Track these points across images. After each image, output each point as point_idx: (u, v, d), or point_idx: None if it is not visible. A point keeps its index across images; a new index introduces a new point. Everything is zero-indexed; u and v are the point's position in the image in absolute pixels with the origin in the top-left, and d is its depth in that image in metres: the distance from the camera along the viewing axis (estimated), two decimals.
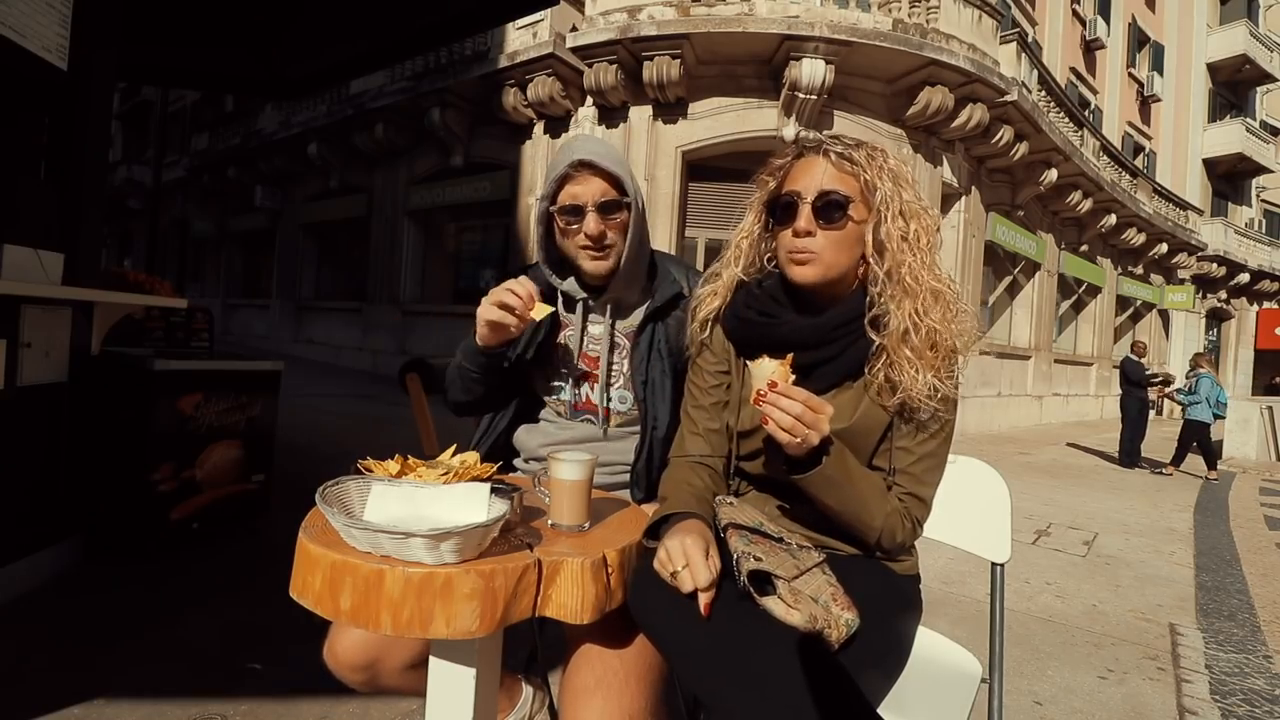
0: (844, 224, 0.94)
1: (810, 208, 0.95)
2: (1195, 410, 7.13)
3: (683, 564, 0.79)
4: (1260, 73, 18.27)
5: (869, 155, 0.95)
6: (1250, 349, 18.28)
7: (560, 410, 1.26)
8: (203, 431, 2.49)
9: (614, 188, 1.13)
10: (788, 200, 0.97)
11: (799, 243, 0.95)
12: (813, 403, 0.84)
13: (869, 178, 0.94)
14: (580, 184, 1.12)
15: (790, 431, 0.83)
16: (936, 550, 1.54)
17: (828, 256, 0.95)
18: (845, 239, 0.95)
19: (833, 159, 0.95)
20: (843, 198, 0.94)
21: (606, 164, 1.11)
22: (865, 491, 0.91)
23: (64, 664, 1.66)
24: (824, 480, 0.88)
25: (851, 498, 0.90)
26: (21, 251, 1.92)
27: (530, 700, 1.21)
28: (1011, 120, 8.59)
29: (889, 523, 0.93)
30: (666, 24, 7.22)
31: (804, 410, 0.82)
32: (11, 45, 1.97)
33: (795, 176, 0.98)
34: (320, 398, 7.44)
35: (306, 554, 0.76)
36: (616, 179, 1.13)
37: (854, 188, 0.95)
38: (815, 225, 0.95)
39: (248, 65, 3.85)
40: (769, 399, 0.83)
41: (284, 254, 13.79)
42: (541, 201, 1.16)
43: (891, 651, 0.91)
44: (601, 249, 1.14)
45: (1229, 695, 2.12)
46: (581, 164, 1.11)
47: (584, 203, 1.12)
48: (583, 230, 1.12)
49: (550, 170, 1.15)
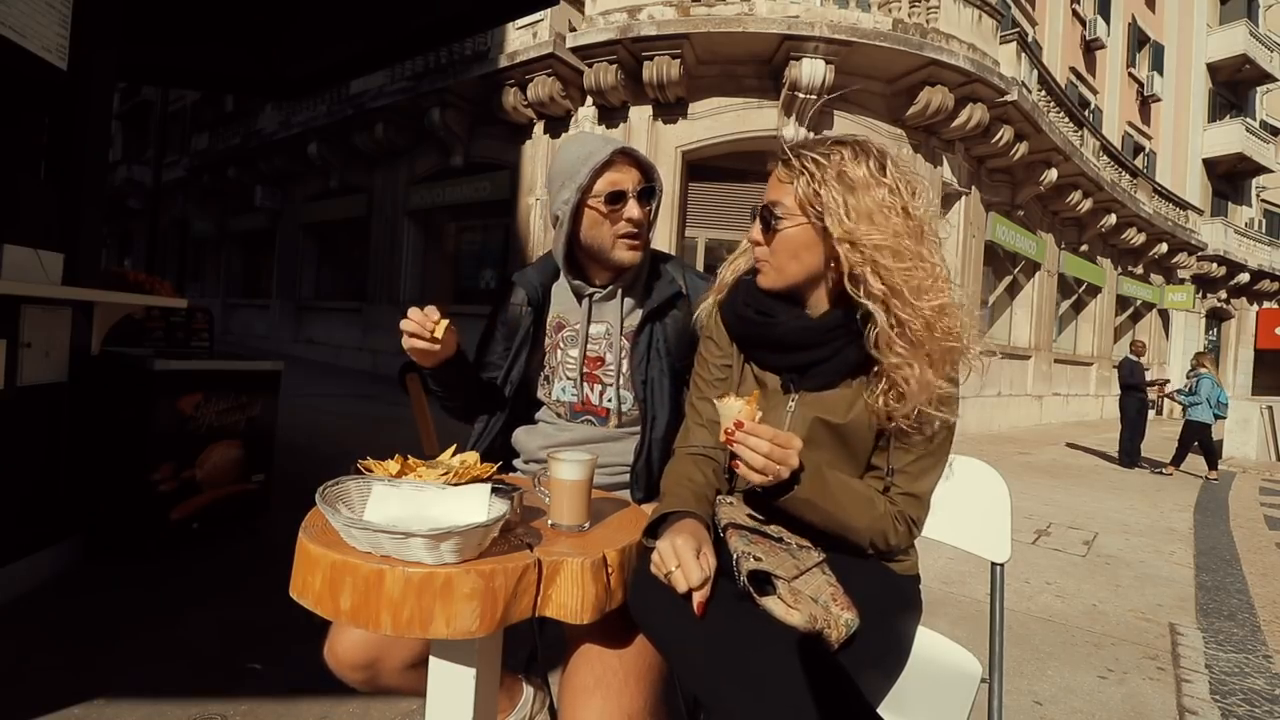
0: (779, 231, 0.97)
1: (758, 218, 1.00)
2: (1196, 411, 7.12)
3: (675, 564, 0.80)
4: (1260, 72, 18.26)
5: (816, 161, 0.93)
6: (1250, 349, 18.27)
7: (560, 412, 1.26)
8: (203, 431, 2.49)
9: (645, 178, 1.19)
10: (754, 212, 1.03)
11: (755, 251, 1.02)
12: (780, 439, 0.83)
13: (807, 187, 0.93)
14: (621, 171, 1.16)
15: (762, 471, 0.83)
16: (936, 550, 1.54)
17: (776, 262, 0.99)
18: (789, 245, 0.96)
19: (780, 171, 0.98)
20: (779, 209, 0.96)
21: (641, 155, 1.19)
22: (847, 505, 0.91)
23: (64, 664, 1.66)
24: (801, 502, 0.89)
25: (832, 513, 0.90)
26: (21, 251, 1.92)
27: (530, 700, 1.21)
28: (1011, 120, 8.59)
29: (877, 528, 0.93)
30: (666, 24, 7.22)
31: (771, 448, 0.82)
32: (11, 45, 1.97)
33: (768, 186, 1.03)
34: (320, 398, 7.43)
35: (306, 554, 0.76)
36: (649, 169, 1.19)
37: (791, 193, 0.96)
38: (761, 235, 0.99)
39: (248, 65, 3.85)
40: (737, 439, 0.84)
41: (284, 254, 13.79)
42: (575, 192, 1.14)
43: (891, 651, 0.91)
44: (638, 237, 1.18)
45: (1229, 695, 2.12)
46: (623, 152, 1.16)
47: (627, 189, 1.15)
48: (624, 216, 1.15)
49: (580, 162, 1.14)
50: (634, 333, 1.21)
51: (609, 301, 1.23)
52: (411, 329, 1.07)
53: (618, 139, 1.21)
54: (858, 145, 0.95)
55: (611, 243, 1.17)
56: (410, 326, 1.07)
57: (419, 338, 1.07)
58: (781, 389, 1.02)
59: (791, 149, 0.98)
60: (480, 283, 10.29)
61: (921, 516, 0.98)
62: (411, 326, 1.07)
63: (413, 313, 1.09)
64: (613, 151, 1.14)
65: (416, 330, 1.07)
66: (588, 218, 1.16)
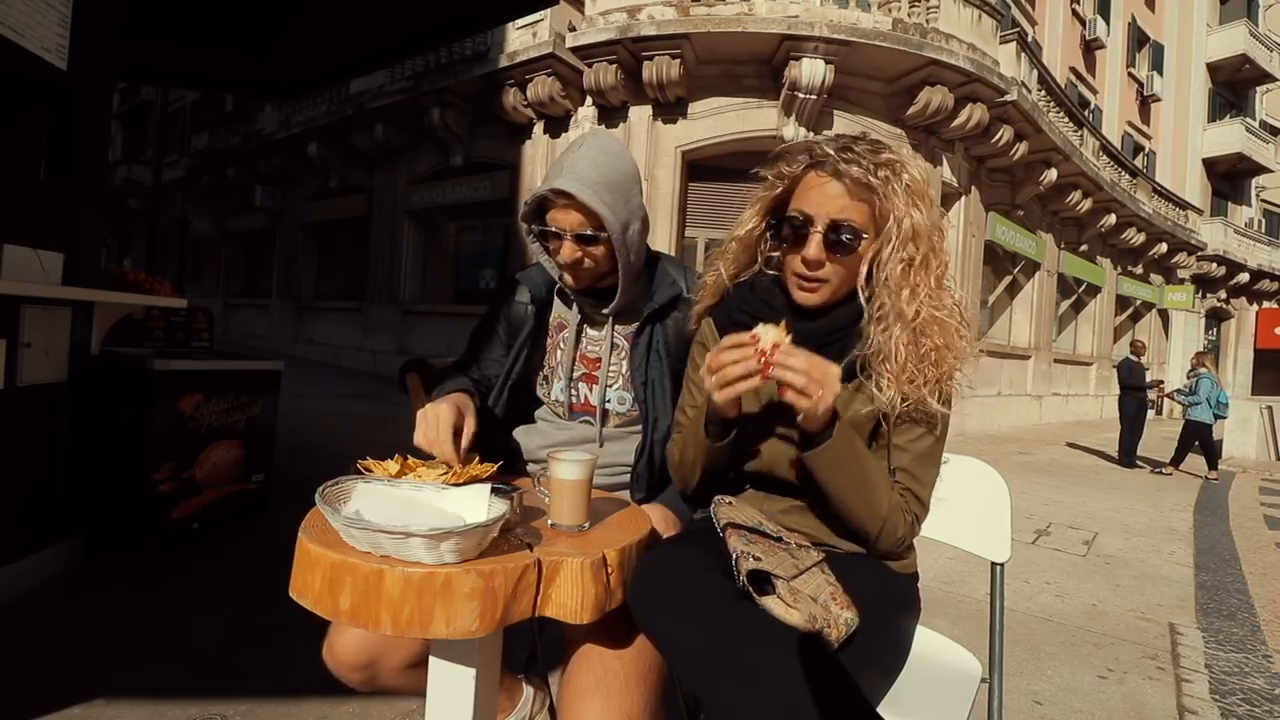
0: (853, 256, 0.93)
1: (822, 237, 0.91)
2: (1196, 411, 7.13)
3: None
4: (1260, 72, 18.26)
5: (886, 176, 0.89)
6: (1250, 349, 18.26)
7: (558, 412, 1.26)
8: (203, 431, 2.49)
9: (589, 222, 1.08)
10: (798, 223, 0.93)
11: (809, 273, 0.94)
12: (817, 359, 0.83)
13: (882, 204, 0.90)
14: (559, 210, 1.10)
15: (805, 392, 0.81)
16: (936, 550, 1.54)
17: (835, 283, 0.95)
18: (853, 265, 0.94)
19: (847, 184, 0.90)
20: (856, 230, 0.91)
21: (586, 198, 1.05)
22: (873, 477, 0.91)
23: (64, 664, 1.66)
24: (833, 458, 0.87)
25: (860, 481, 0.90)
26: (21, 251, 1.92)
27: (530, 701, 1.21)
28: (1011, 120, 8.59)
29: (893, 515, 0.93)
30: (666, 24, 7.22)
31: (810, 365, 0.81)
32: (11, 45, 1.97)
33: (807, 193, 0.94)
34: (320, 398, 7.43)
35: (306, 554, 0.76)
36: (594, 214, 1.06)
37: (867, 215, 0.91)
38: (824, 255, 0.92)
39: (248, 65, 3.85)
40: (777, 359, 0.81)
41: (284, 254, 13.79)
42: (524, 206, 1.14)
43: (890, 650, 0.91)
44: (577, 271, 1.14)
45: (1229, 695, 2.12)
46: (559, 193, 1.06)
47: (561, 229, 1.10)
48: (560, 253, 1.12)
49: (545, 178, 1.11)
50: (634, 334, 1.21)
51: (610, 315, 1.22)
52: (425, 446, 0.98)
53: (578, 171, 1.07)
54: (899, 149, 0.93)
55: (555, 266, 1.18)
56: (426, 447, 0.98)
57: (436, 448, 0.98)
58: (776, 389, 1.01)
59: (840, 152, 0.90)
60: (480, 283, 10.29)
61: (923, 515, 0.98)
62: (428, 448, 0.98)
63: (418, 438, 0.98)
64: (550, 189, 1.07)
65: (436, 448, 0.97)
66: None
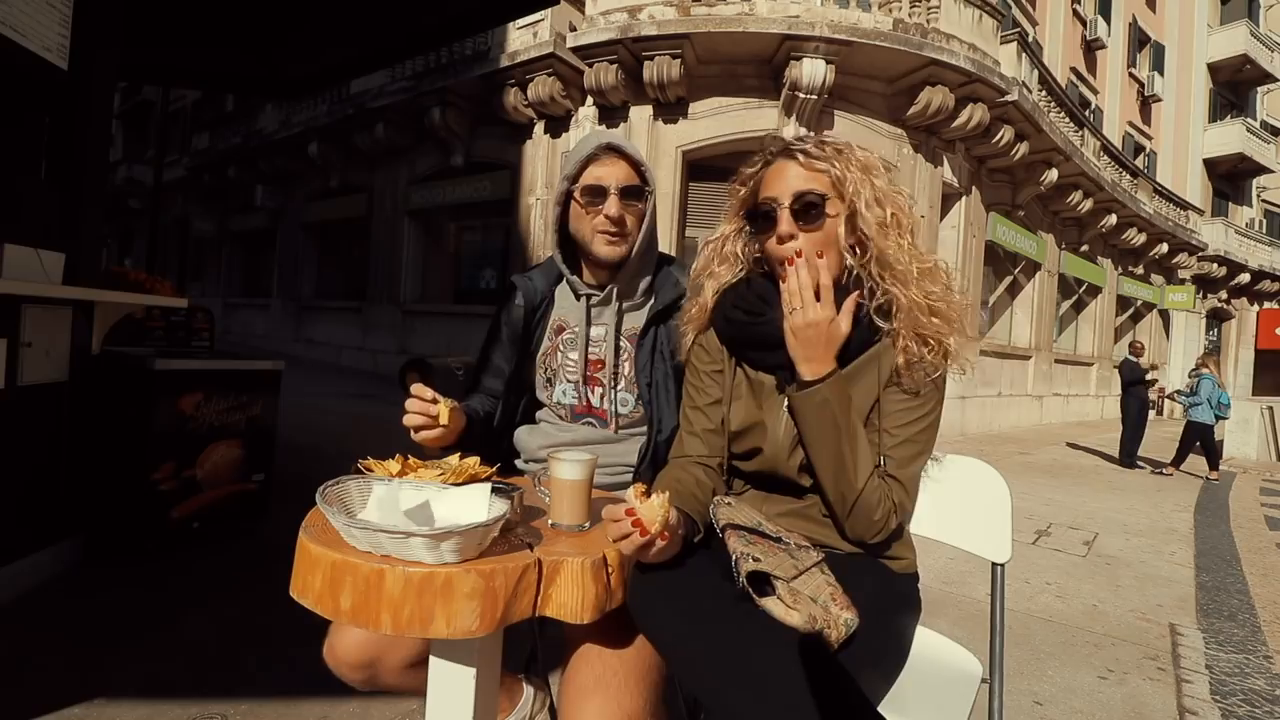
0: (822, 221, 0.96)
1: (789, 211, 0.96)
2: (1197, 411, 7.13)
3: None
4: (1261, 73, 18.25)
5: (835, 149, 0.97)
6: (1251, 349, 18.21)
7: (561, 414, 1.26)
8: (203, 431, 2.49)
9: (636, 175, 1.17)
10: (766, 209, 0.99)
11: (785, 248, 0.97)
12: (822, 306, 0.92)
13: (838, 172, 0.95)
14: (605, 166, 1.15)
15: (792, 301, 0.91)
16: (936, 550, 1.54)
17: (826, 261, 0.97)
18: (827, 236, 0.97)
19: (801, 160, 0.97)
20: (818, 196, 0.96)
21: (631, 151, 1.16)
22: (857, 442, 0.92)
23: (64, 664, 1.66)
24: (821, 403, 0.90)
25: (843, 437, 0.91)
26: (22, 251, 1.92)
27: (531, 700, 1.21)
28: (1012, 120, 8.59)
29: (870, 490, 0.92)
30: (667, 24, 7.21)
31: (809, 286, 0.91)
32: (12, 45, 1.97)
33: (768, 183, 1.00)
34: (320, 398, 7.43)
35: (307, 554, 0.76)
36: (640, 166, 1.17)
37: (825, 183, 0.97)
38: (795, 228, 0.96)
39: (249, 65, 3.86)
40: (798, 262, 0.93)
41: (284, 254, 13.79)
42: (563, 181, 1.18)
43: (890, 651, 0.91)
44: (618, 234, 1.16)
45: (1229, 695, 2.12)
46: (609, 147, 1.15)
47: (608, 184, 1.15)
48: (603, 212, 1.14)
49: (574, 153, 1.18)
50: (638, 335, 1.22)
51: (607, 305, 1.23)
52: (417, 422, 1.03)
53: (616, 134, 1.22)
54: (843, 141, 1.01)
55: (591, 236, 1.18)
56: (415, 420, 1.03)
57: (426, 428, 1.03)
58: (776, 388, 1.02)
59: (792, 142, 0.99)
60: (480, 283, 10.29)
61: (905, 503, 0.97)
62: (416, 420, 1.03)
63: (411, 404, 1.03)
64: (597, 146, 1.15)
65: (422, 422, 1.03)
66: (573, 210, 1.19)
